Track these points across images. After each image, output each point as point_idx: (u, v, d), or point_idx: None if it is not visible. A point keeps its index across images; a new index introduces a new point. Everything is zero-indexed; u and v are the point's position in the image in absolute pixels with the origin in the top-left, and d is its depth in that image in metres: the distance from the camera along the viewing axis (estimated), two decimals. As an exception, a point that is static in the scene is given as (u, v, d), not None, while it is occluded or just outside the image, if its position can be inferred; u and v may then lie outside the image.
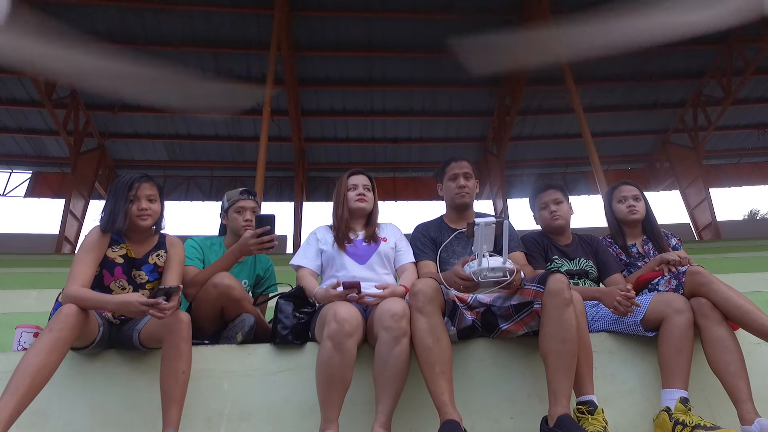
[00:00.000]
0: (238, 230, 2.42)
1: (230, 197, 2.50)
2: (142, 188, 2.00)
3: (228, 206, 2.49)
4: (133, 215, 1.98)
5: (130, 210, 1.97)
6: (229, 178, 15.47)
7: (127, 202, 1.97)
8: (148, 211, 1.99)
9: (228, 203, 2.49)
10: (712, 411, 1.90)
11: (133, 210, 1.98)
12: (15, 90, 11.77)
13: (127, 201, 1.97)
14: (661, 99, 13.27)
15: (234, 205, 2.46)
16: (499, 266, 1.71)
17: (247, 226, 2.41)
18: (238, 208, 2.45)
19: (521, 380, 1.96)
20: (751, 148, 15.00)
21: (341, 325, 1.70)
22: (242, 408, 1.91)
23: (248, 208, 2.45)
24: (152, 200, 2.02)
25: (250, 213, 2.45)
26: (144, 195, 1.99)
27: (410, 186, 16.01)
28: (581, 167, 15.13)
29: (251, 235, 2.11)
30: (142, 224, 1.98)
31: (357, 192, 2.31)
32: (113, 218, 1.95)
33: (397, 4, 10.67)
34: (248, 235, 2.13)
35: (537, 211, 2.51)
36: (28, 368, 1.57)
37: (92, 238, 1.95)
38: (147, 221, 1.99)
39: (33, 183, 14.83)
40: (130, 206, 1.98)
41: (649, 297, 2.02)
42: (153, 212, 2.01)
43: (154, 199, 2.02)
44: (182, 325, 1.78)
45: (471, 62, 8.70)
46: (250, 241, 2.11)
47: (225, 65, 11.67)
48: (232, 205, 2.47)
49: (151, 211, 2.00)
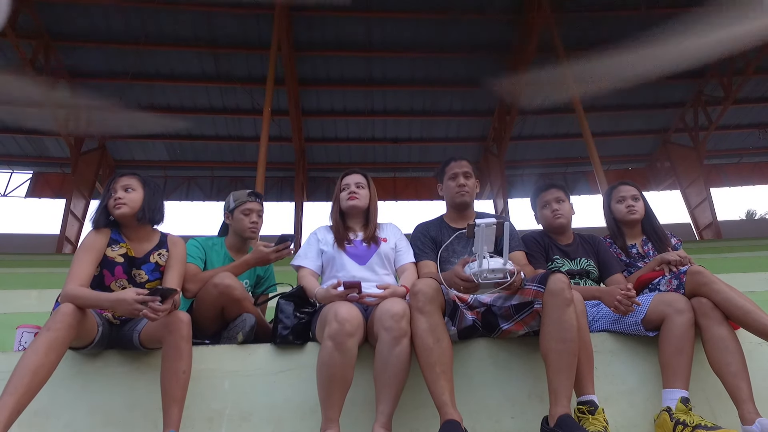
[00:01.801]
0: (243, 232, 2.43)
1: (237, 198, 2.48)
2: (118, 181, 2.05)
3: (234, 207, 2.46)
4: (110, 206, 2.02)
5: (108, 203, 2.03)
6: (230, 178, 15.49)
7: (107, 198, 2.04)
8: (122, 200, 2.01)
9: (234, 204, 2.47)
10: (712, 411, 1.90)
11: (110, 202, 2.02)
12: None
13: (107, 196, 2.04)
14: (662, 99, 13.26)
15: (241, 207, 2.45)
16: (499, 268, 1.71)
17: (253, 228, 2.43)
18: (245, 210, 2.44)
19: (522, 380, 1.96)
20: (751, 148, 15.00)
21: (342, 325, 1.70)
22: (243, 408, 1.91)
23: (255, 210, 2.46)
24: (128, 189, 2.04)
25: (256, 215, 2.45)
26: (120, 186, 2.04)
27: (410, 186, 16.01)
28: (582, 167, 15.13)
29: (272, 251, 2.22)
30: (117, 213, 2.01)
31: (349, 191, 2.32)
32: (97, 213, 2.03)
33: (397, 4, 10.67)
34: (269, 250, 2.23)
35: (539, 209, 2.51)
36: (26, 368, 1.57)
37: (90, 237, 1.98)
38: (122, 209, 2.01)
39: (34, 183, 14.84)
40: (109, 200, 2.03)
41: (650, 297, 2.01)
42: (129, 200, 2.02)
43: (131, 189, 2.04)
44: (182, 325, 1.78)
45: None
46: (272, 256, 2.23)
47: (225, 65, 11.67)
48: (238, 206, 2.46)
49: (127, 199, 2.02)
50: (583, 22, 11.04)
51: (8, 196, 14.79)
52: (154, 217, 2.08)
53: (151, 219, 2.08)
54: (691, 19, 6.88)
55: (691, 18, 6.92)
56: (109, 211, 2.03)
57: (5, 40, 9.67)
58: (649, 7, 10.57)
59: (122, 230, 2.06)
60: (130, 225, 2.06)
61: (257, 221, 2.45)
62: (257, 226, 2.46)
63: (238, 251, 2.48)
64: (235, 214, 2.46)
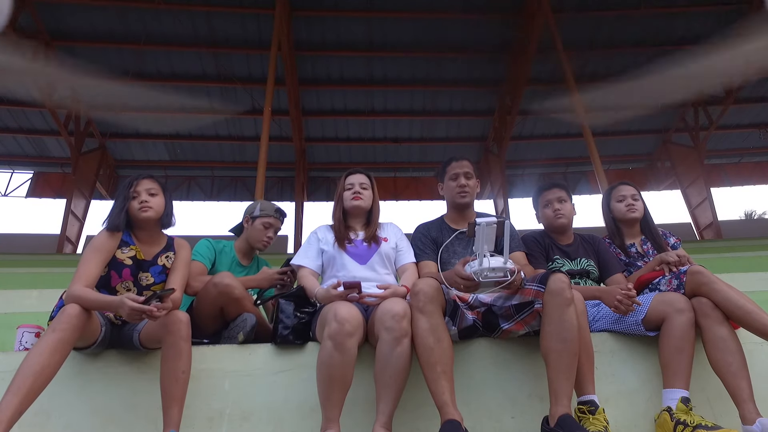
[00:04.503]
0: (256, 242, 2.53)
1: (264, 209, 2.56)
2: (141, 184, 2.05)
3: (258, 215, 2.54)
4: (134, 209, 2.01)
5: (130, 206, 2.02)
6: (230, 178, 15.50)
7: (128, 200, 2.02)
8: (148, 203, 2.02)
9: (259, 213, 2.54)
10: (713, 411, 1.90)
11: (134, 204, 2.01)
12: (16, 90, 11.77)
13: (128, 198, 2.02)
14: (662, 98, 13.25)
15: (264, 219, 2.53)
16: (500, 266, 1.71)
17: (267, 242, 2.54)
18: (267, 223, 2.53)
19: (522, 380, 1.96)
20: (752, 148, 14.98)
21: (342, 325, 1.70)
22: (243, 408, 1.91)
23: (274, 227, 2.56)
24: (153, 194, 2.05)
25: (273, 231, 2.56)
26: (144, 189, 2.04)
27: (411, 186, 16.00)
28: (582, 167, 15.13)
29: (278, 280, 2.38)
30: (144, 216, 2.01)
31: (353, 191, 2.31)
32: (116, 215, 2.00)
33: (397, 4, 10.67)
34: (276, 277, 2.37)
35: (540, 209, 2.51)
36: (30, 368, 1.57)
37: (100, 238, 1.97)
38: (148, 213, 2.01)
39: (34, 183, 14.85)
40: (131, 202, 2.02)
41: (650, 297, 2.01)
42: (154, 204, 2.03)
43: (154, 193, 2.05)
44: (181, 325, 1.78)
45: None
46: (275, 277, 2.38)
47: (225, 65, 11.67)
48: (263, 217, 2.54)
49: (153, 203, 2.03)
50: (583, 22, 11.04)
51: (9, 196, 14.81)
52: (170, 221, 2.11)
53: (167, 223, 2.10)
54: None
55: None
56: (129, 214, 2.02)
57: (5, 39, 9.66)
58: (649, 6, 10.58)
59: (135, 233, 2.06)
60: (147, 228, 2.06)
61: (272, 237, 2.56)
62: (270, 241, 2.56)
63: (244, 256, 2.58)
64: (255, 223, 2.54)
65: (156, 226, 2.08)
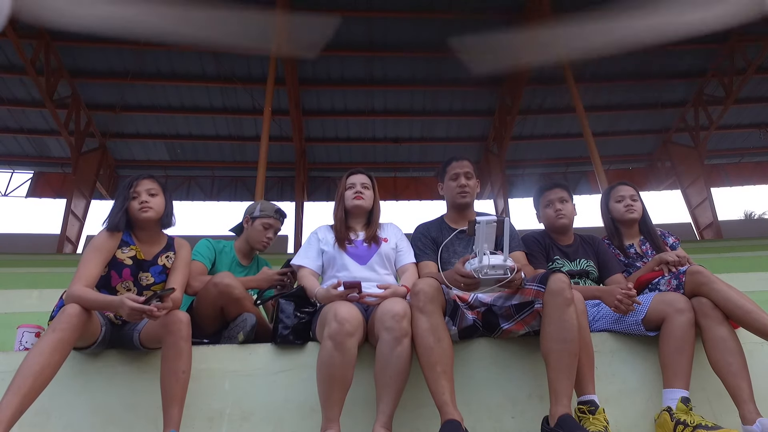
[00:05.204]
0: (256, 242, 2.53)
1: (264, 209, 2.56)
2: (141, 184, 2.05)
3: (258, 216, 2.54)
4: (134, 209, 2.01)
5: (130, 206, 2.02)
6: (231, 178, 15.50)
7: (128, 200, 2.02)
8: (149, 204, 2.02)
9: (259, 214, 2.55)
10: (713, 411, 1.90)
11: (134, 205, 2.01)
12: (16, 90, 11.79)
13: (128, 198, 2.02)
14: (663, 98, 13.25)
15: (264, 219, 2.54)
16: (500, 264, 1.71)
17: (266, 243, 2.54)
18: (266, 224, 2.54)
19: (522, 380, 1.96)
20: (752, 148, 14.98)
21: (342, 325, 1.70)
22: (243, 408, 1.91)
23: (274, 228, 2.56)
24: (153, 194, 2.05)
25: (273, 232, 2.56)
26: (144, 189, 2.04)
27: (411, 186, 16.00)
28: (582, 167, 15.13)
29: (278, 281, 2.37)
30: (144, 216, 2.01)
31: (354, 191, 2.31)
32: (116, 215, 2.00)
33: (397, 4, 10.66)
34: (276, 278, 2.36)
35: (541, 208, 2.50)
36: (30, 368, 1.57)
37: (100, 238, 1.97)
38: (148, 213, 2.01)
39: (34, 183, 14.85)
40: (132, 203, 2.02)
41: (650, 297, 2.01)
42: (155, 205, 2.03)
43: (154, 193, 2.05)
44: (181, 325, 1.78)
45: (472, 61, 8.62)
46: (275, 278, 2.37)
47: (226, 65, 11.67)
48: (263, 217, 2.54)
49: (153, 203, 2.03)
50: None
51: (9, 195, 14.81)
52: (170, 221, 2.11)
53: (167, 223, 2.10)
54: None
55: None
56: (129, 214, 2.03)
57: (5, 39, 9.67)
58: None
59: (135, 233, 2.06)
60: (147, 228, 2.06)
61: (272, 237, 2.56)
62: (270, 242, 2.56)
63: (244, 256, 2.58)
64: (255, 223, 2.54)
65: (156, 226, 2.08)
